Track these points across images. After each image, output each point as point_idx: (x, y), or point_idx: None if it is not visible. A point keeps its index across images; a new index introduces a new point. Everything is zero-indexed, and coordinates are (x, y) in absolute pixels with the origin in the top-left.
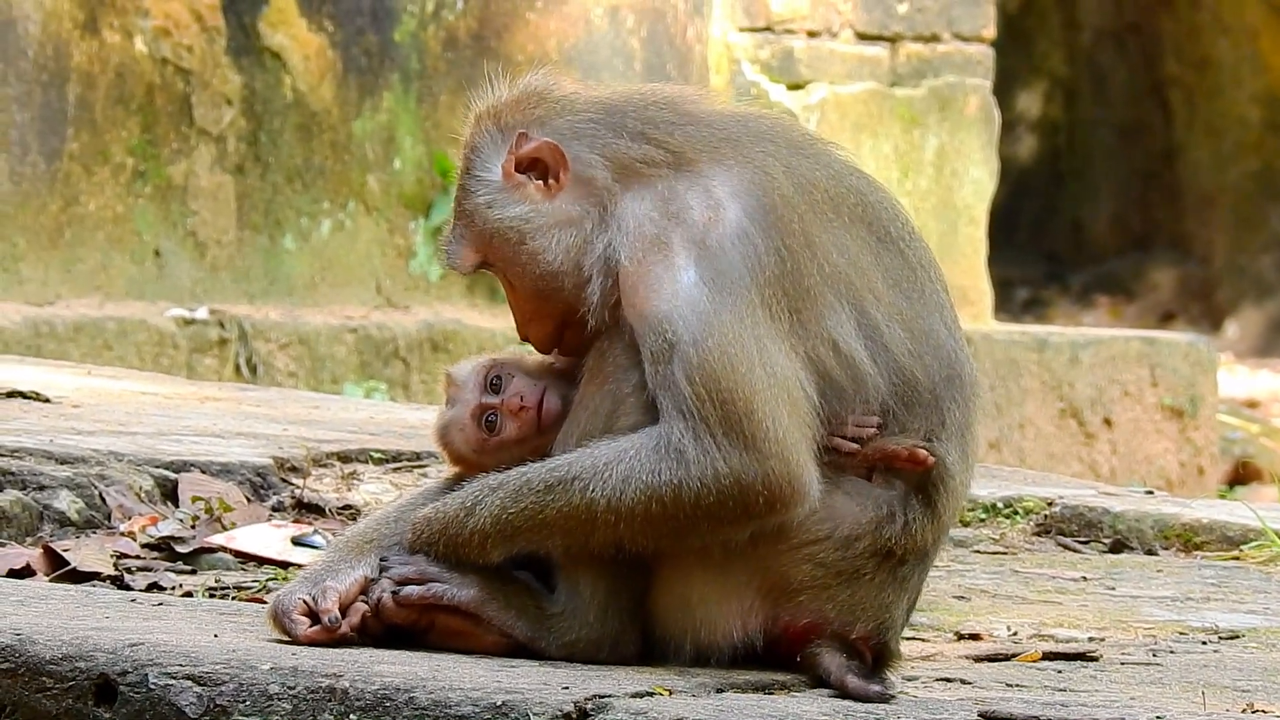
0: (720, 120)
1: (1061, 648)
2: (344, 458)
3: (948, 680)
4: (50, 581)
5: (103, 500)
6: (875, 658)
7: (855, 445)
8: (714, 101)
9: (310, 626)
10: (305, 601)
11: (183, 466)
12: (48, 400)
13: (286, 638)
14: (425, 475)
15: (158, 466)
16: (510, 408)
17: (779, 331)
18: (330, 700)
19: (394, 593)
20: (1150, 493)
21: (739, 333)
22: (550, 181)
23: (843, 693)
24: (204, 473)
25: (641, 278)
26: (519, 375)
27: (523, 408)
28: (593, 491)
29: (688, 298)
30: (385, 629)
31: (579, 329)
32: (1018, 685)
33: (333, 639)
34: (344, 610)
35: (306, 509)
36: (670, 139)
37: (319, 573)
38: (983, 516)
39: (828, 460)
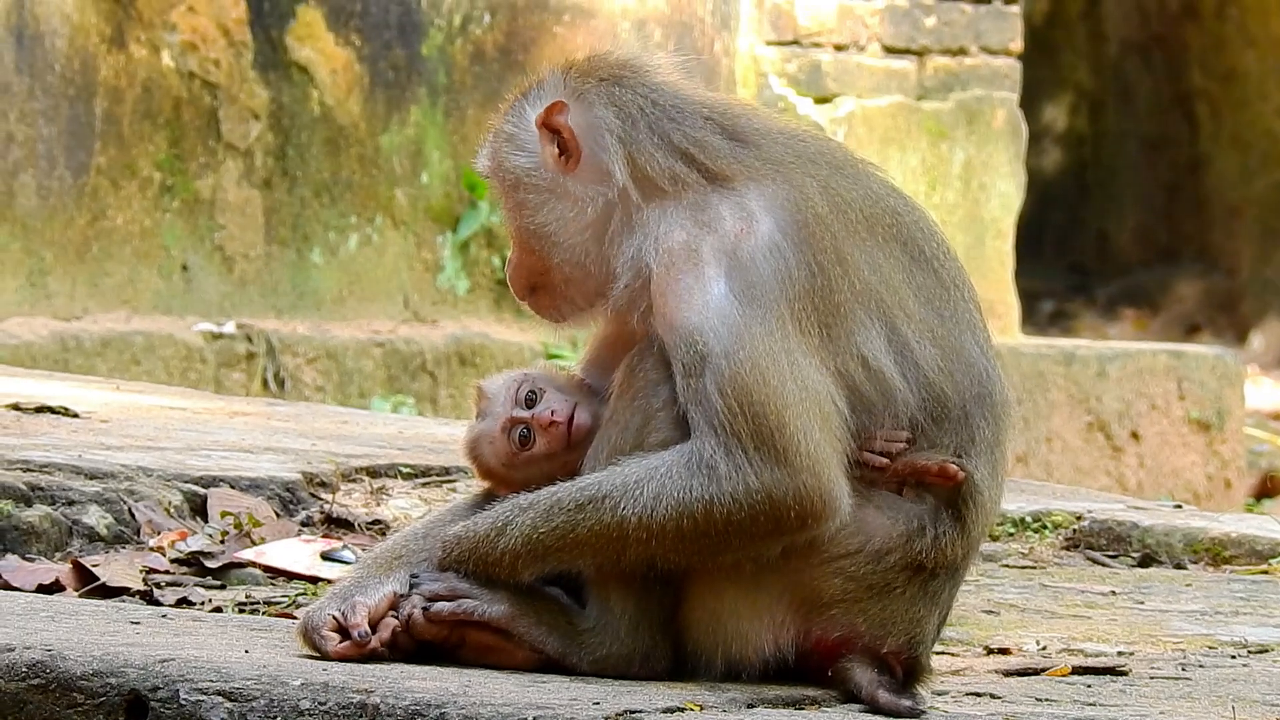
0: (769, 142)
1: (1091, 662)
2: (373, 473)
3: (977, 695)
4: (80, 597)
5: (132, 515)
6: (906, 673)
7: (885, 460)
8: (769, 120)
9: (340, 642)
10: (335, 617)
11: (212, 482)
12: (76, 415)
13: (316, 654)
14: (454, 490)
15: (187, 482)
16: (541, 422)
17: (809, 346)
18: (361, 716)
19: (424, 608)
20: (1179, 506)
21: (770, 346)
22: (566, 158)
23: (874, 708)
24: (233, 488)
25: (671, 287)
26: (551, 390)
27: (553, 423)
28: (624, 510)
29: (718, 309)
30: (416, 645)
31: (553, 294)
32: (1047, 700)
33: (363, 654)
34: (374, 626)
35: (335, 524)
36: (710, 163)
37: (348, 589)
38: (1011, 531)
39: (858, 475)
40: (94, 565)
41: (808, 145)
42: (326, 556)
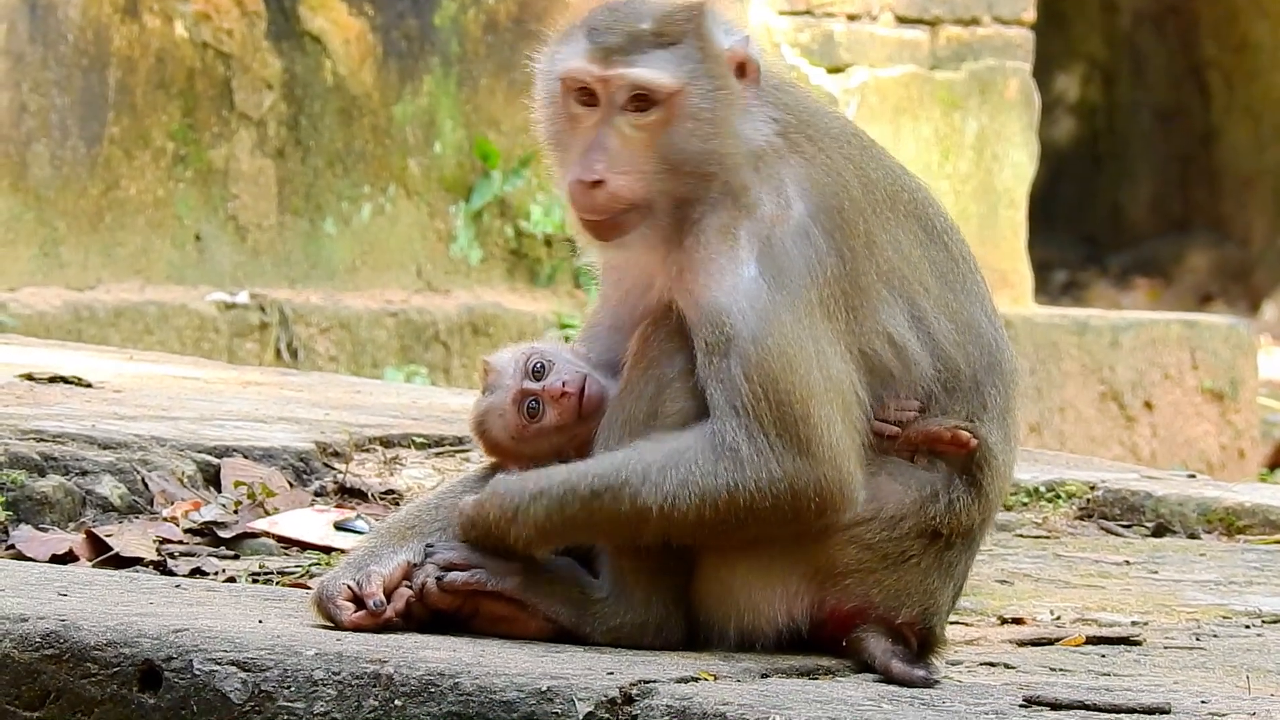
0: (802, 111)
1: (1105, 632)
2: (386, 442)
3: (991, 665)
4: (93, 567)
5: (145, 485)
6: (920, 643)
7: (896, 429)
8: (806, 93)
9: (355, 612)
10: (350, 587)
11: (225, 451)
12: (89, 385)
13: (330, 624)
14: (467, 460)
15: (200, 451)
16: (552, 394)
17: (835, 331)
18: (375, 685)
19: (438, 578)
20: (1192, 476)
21: (798, 333)
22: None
23: (887, 678)
24: (246, 458)
25: (703, 263)
26: (561, 362)
27: (564, 394)
28: (645, 498)
29: (748, 292)
30: (430, 614)
31: (647, 215)
32: (1061, 670)
33: (377, 624)
34: (388, 595)
35: (349, 494)
36: (786, 136)
37: (362, 558)
38: (1025, 500)
39: (871, 444)
40: (108, 535)
41: (835, 121)
42: (340, 526)
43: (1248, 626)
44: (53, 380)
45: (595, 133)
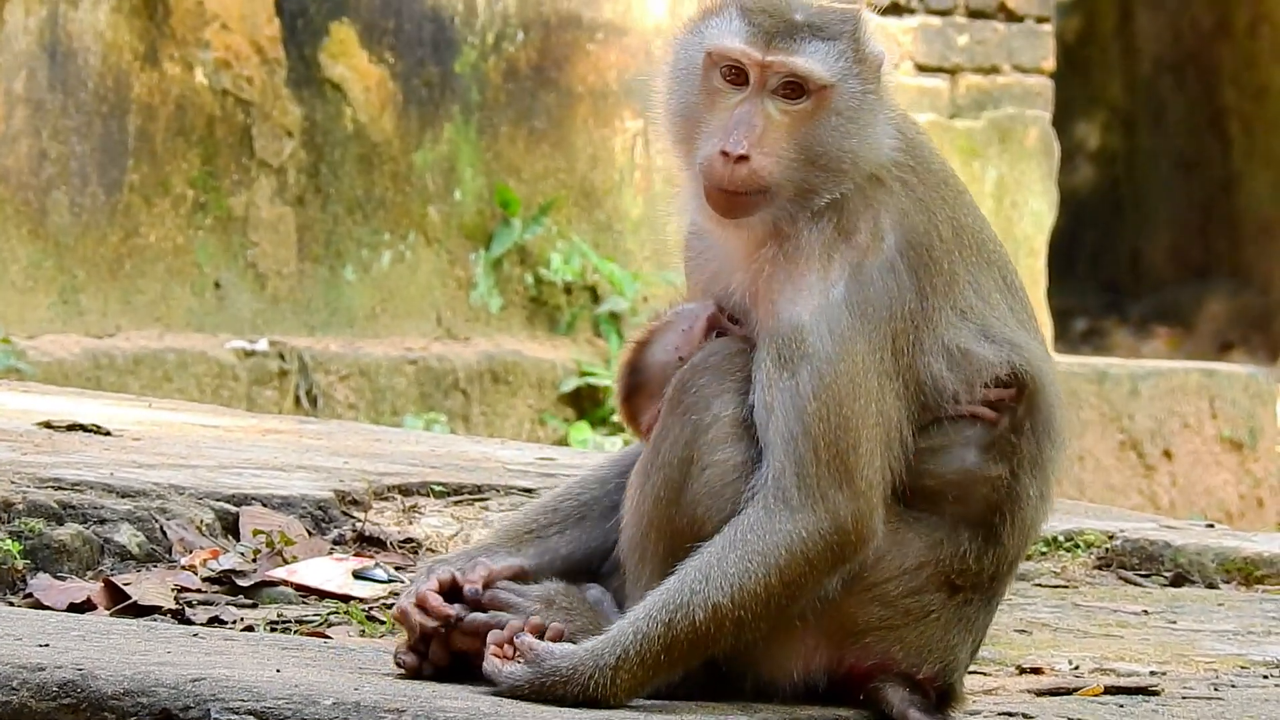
0: (913, 142)
1: (1123, 682)
2: (405, 490)
3: (1009, 714)
4: (111, 616)
5: (163, 534)
6: (938, 697)
7: (993, 413)
8: (915, 122)
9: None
10: (454, 574)
11: (243, 500)
12: (108, 433)
13: (408, 595)
14: (486, 509)
15: (218, 500)
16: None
17: (897, 368)
18: None
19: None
20: (1211, 526)
21: (868, 364)
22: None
23: None
24: (265, 506)
25: (793, 276)
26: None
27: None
28: (713, 595)
29: (831, 315)
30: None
31: (773, 199)
32: (1079, 719)
33: (435, 611)
34: (487, 585)
35: (368, 542)
36: (902, 166)
37: (476, 550)
38: (1044, 550)
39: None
40: (125, 584)
41: (937, 159)
42: (358, 575)
43: (1266, 676)
44: (71, 428)
45: (739, 111)
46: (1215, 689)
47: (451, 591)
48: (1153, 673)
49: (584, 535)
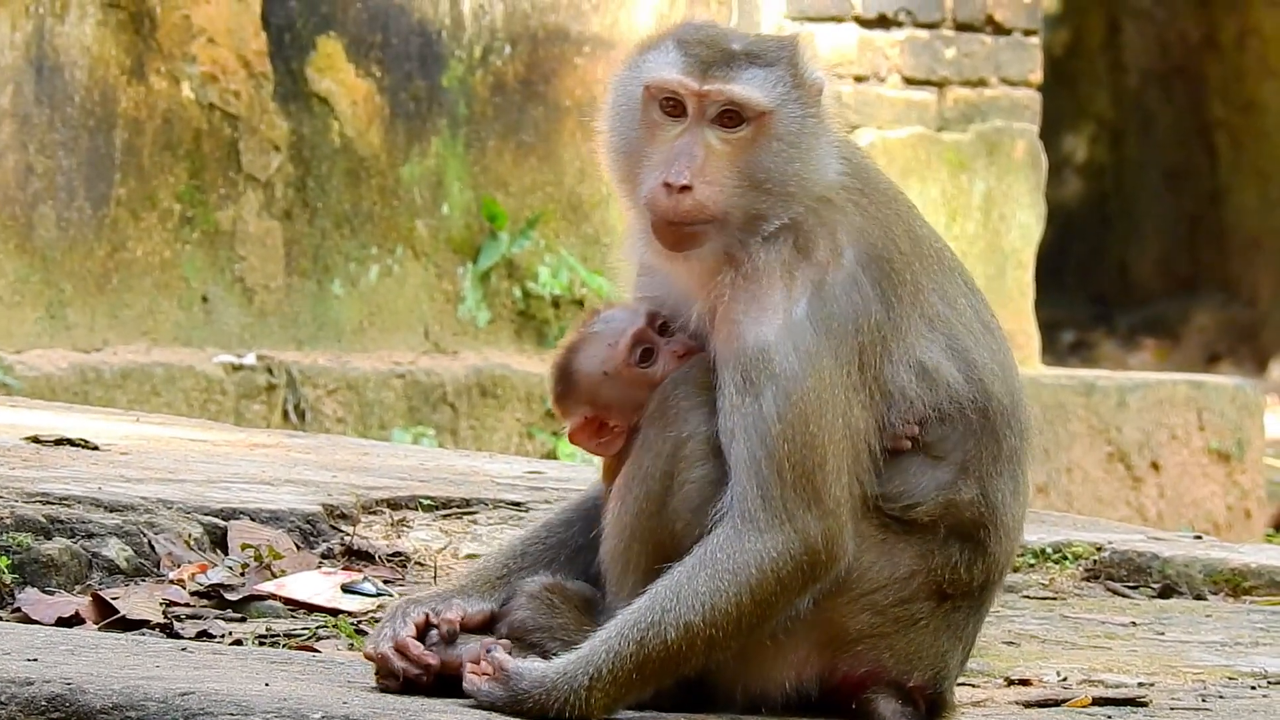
0: (858, 165)
1: (1111, 693)
2: (393, 504)
3: None
4: (99, 630)
5: (152, 548)
6: (929, 707)
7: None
8: (859, 150)
9: (412, 636)
10: (427, 614)
11: (232, 514)
12: (96, 448)
13: (384, 638)
14: (475, 523)
15: (207, 514)
16: (676, 351)
17: (864, 380)
18: None
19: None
20: (1199, 537)
21: (834, 380)
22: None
23: None
24: (253, 520)
25: (755, 298)
26: (682, 333)
27: (683, 356)
28: (685, 614)
29: (795, 333)
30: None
31: (723, 230)
32: None
33: (416, 660)
34: (463, 626)
35: (356, 556)
36: (848, 187)
37: (450, 593)
38: (1032, 562)
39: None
40: (114, 598)
41: (884, 179)
42: (347, 589)
43: (1254, 688)
44: (59, 443)
45: (679, 142)
46: (1203, 700)
47: (425, 632)
48: (1141, 684)
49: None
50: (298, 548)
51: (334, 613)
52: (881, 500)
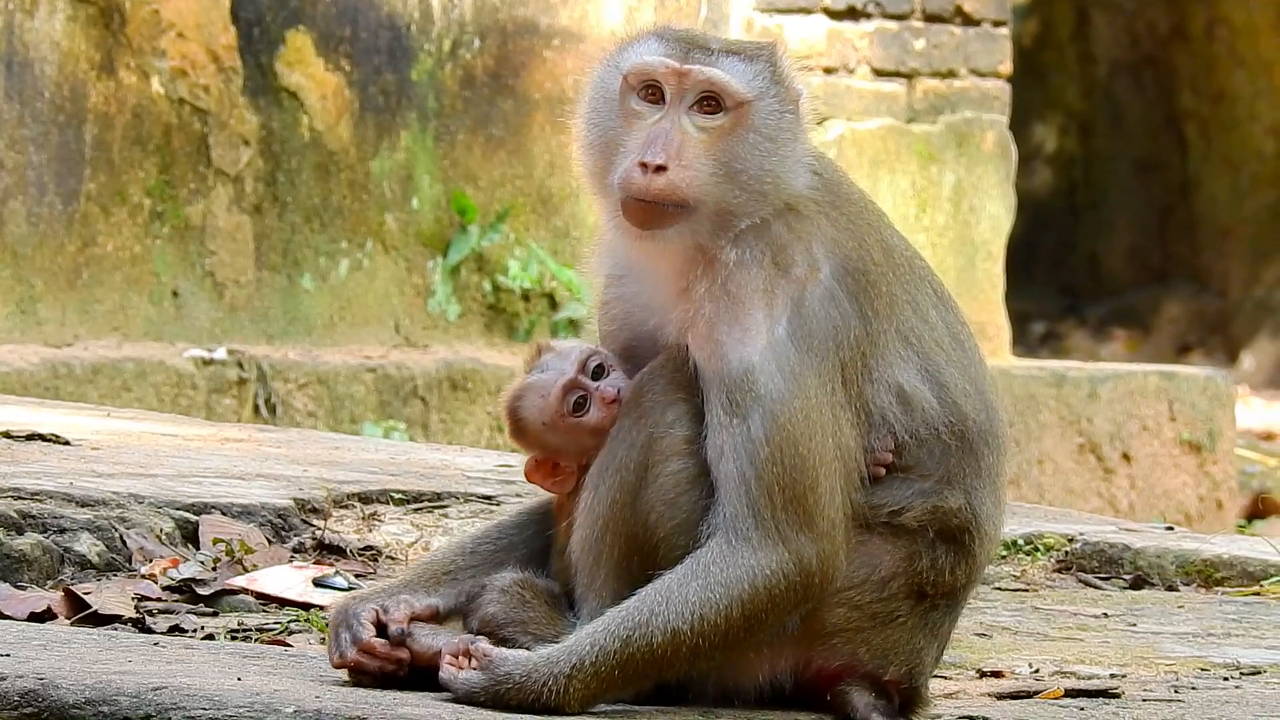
0: (829, 177)
1: (1083, 685)
2: (364, 499)
3: (970, 718)
4: (71, 625)
5: (123, 543)
6: (903, 702)
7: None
8: (828, 161)
9: (373, 636)
10: (377, 611)
11: (203, 508)
12: (67, 443)
13: (346, 643)
14: (446, 516)
15: (178, 509)
16: (605, 396)
17: (849, 395)
18: None
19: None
20: (1170, 528)
21: (820, 398)
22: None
23: None
24: (224, 514)
25: (735, 317)
26: (618, 370)
27: (615, 401)
28: (673, 619)
29: (778, 353)
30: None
31: (692, 217)
32: None
33: (387, 658)
34: (413, 620)
35: (328, 550)
36: (818, 199)
37: (395, 588)
38: (1004, 553)
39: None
40: (86, 593)
41: (855, 190)
42: (318, 583)
43: (1226, 678)
44: (30, 438)
45: (657, 126)
46: (1175, 691)
47: (382, 628)
48: (1113, 675)
49: None
50: (269, 542)
51: (306, 607)
52: (868, 509)
